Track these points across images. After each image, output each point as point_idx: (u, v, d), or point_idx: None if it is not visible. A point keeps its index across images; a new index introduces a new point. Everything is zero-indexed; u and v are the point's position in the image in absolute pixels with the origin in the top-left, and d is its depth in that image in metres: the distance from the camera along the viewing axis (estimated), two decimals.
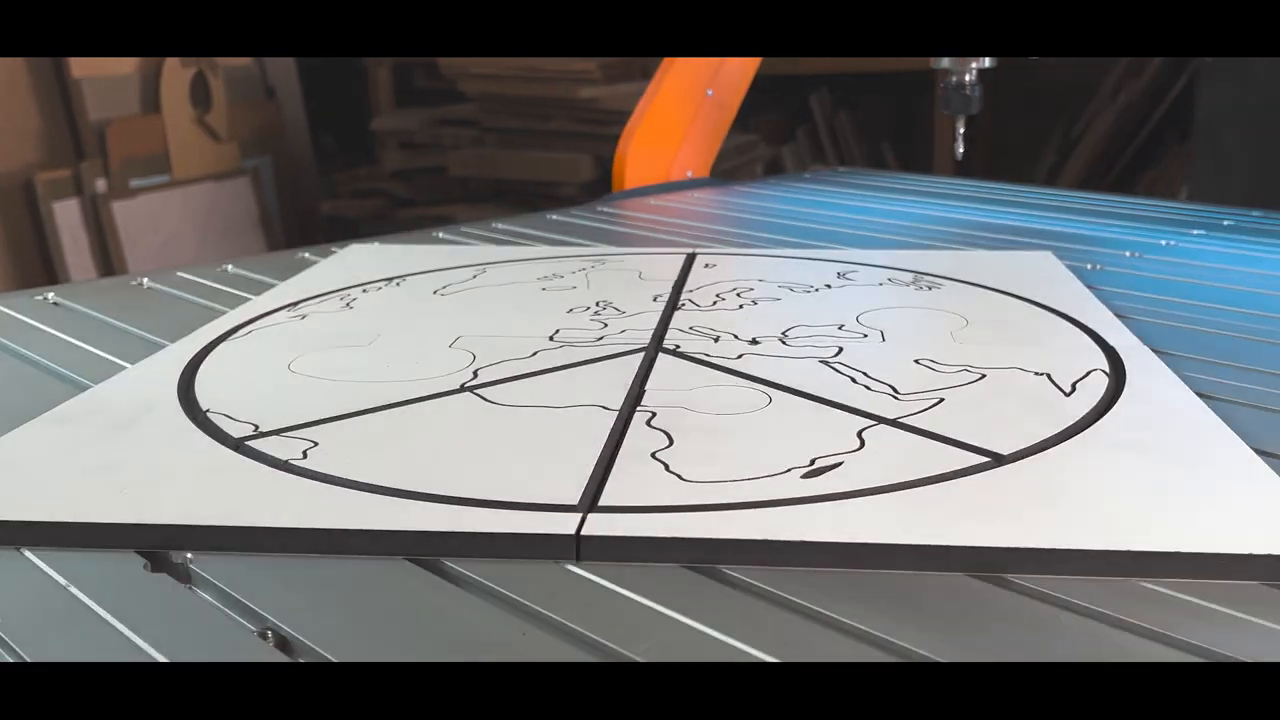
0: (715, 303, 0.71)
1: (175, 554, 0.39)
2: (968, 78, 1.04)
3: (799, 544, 0.38)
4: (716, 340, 0.62)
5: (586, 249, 0.91)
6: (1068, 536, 0.38)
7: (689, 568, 0.38)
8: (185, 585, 0.38)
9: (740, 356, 0.59)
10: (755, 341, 0.62)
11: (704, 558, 0.38)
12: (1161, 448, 0.46)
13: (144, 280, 0.80)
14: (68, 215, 2.18)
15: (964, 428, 0.48)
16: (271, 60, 2.55)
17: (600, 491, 0.42)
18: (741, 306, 0.70)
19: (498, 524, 0.40)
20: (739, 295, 0.73)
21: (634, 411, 0.51)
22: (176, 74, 2.31)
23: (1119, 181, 2.23)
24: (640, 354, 0.60)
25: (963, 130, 1.11)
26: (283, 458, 0.46)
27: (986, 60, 1.04)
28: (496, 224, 1.04)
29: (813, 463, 0.45)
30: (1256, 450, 0.45)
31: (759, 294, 0.73)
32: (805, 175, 1.45)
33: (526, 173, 2.32)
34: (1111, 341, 0.61)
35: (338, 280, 0.78)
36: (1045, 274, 0.78)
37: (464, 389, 0.55)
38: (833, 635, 0.34)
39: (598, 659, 0.33)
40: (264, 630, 0.35)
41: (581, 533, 0.39)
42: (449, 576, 0.38)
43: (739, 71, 1.28)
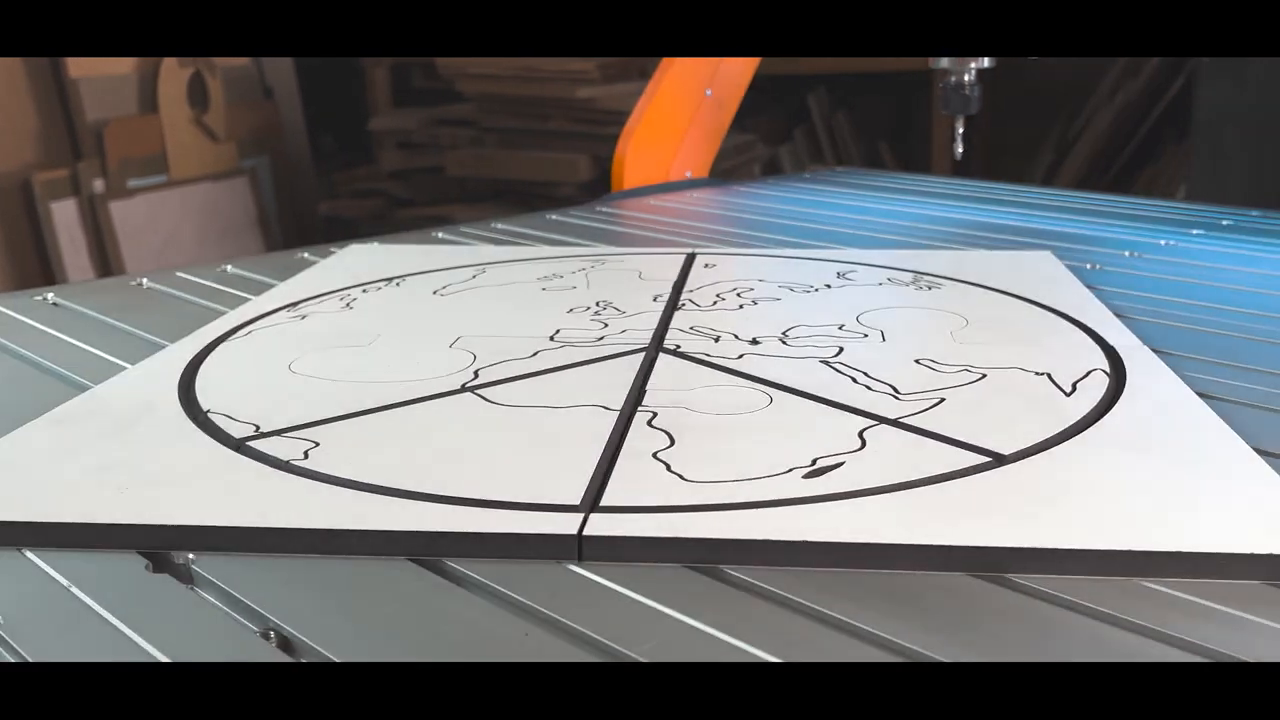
0: (715, 303, 0.71)
1: (177, 554, 0.39)
2: (967, 78, 1.04)
3: (801, 544, 0.38)
4: (717, 340, 0.62)
5: (586, 249, 0.91)
6: (1068, 536, 0.38)
7: (691, 568, 0.38)
8: (187, 585, 0.38)
9: (741, 356, 0.59)
10: (756, 341, 0.62)
11: (706, 558, 0.38)
12: (1162, 447, 0.46)
13: (143, 280, 0.80)
14: (65, 215, 2.18)
15: (965, 428, 0.48)
16: (269, 60, 2.55)
17: (602, 491, 0.42)
18: (741, 306, 0.70)
19: (499, 524, 0.40)
20: (739, 295, 0.73)
21: (635, 411, 0.51)
22: (174, 74, 2.31)
23: (1117, 181, 2.24)
24: (641, 354, 0.60)
25: (962, 130, 1.11)
26: (284, 458, 0.46)
27: (985, 60, 1.04)
28: (496, 224, 1.04)
29: (814, 463, 0.45)
30: (1256, 450, 0.45)
31: (759, 294, 0.73)
32: (805, 175, 1.45)
33: (524, 173, 2.32)
34: (1111, 341, 0.61)
35: (337, 280, 0.78)
36: (1045, 274, 0.78)
37: (465, 389, 0.55)
38: (834, 635, 0.34)
39: (600, 659, 0.33)
40: (266, 630, 0.35)
41: (583, 533, 0.39)
42: (451, 577, 0.38)
43: (738, 71, 1.28)
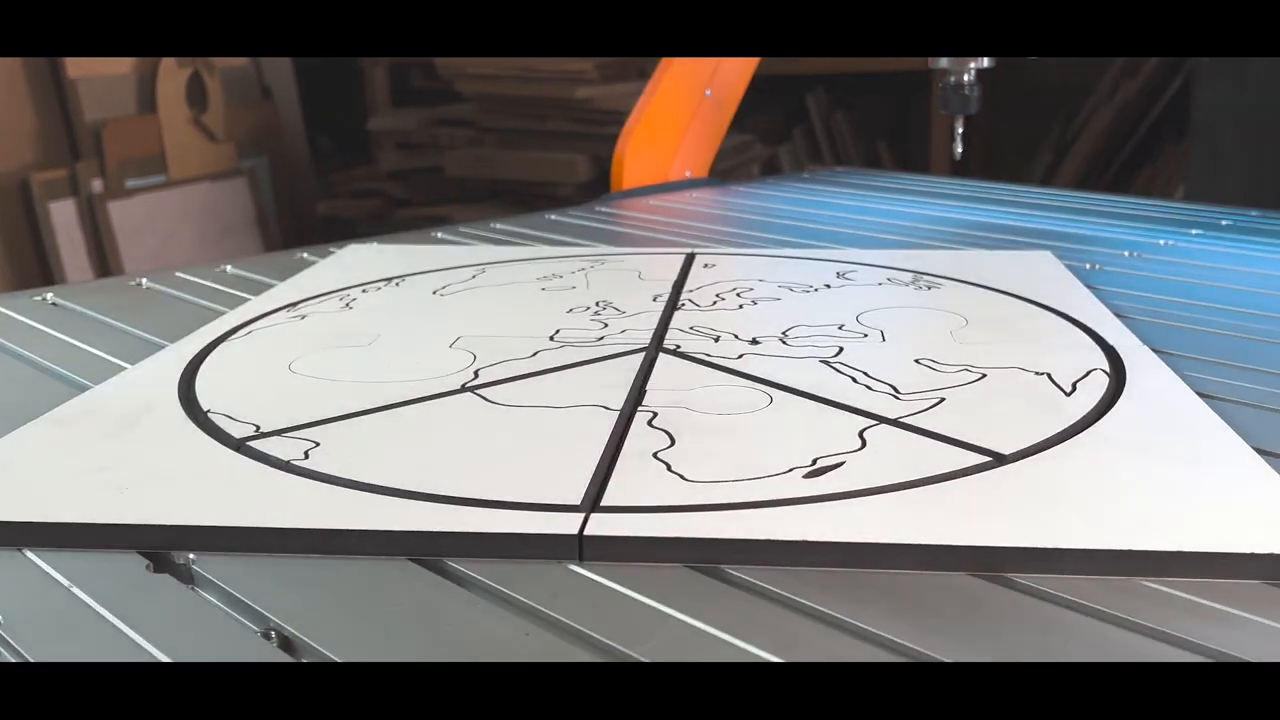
0: (715, 303, 0.71)
1: (178, 554, 0.39)
2: (966, 78, 1.04)
3: (801, 544, 0.38)
4: (717, 340, 0.62)
5: (586, 249, 0.91)
6: (1069, 536, 0.38)
7: (692, 567, 0.38)
8: (188, 586, 0.38)
9: (741, 356, 0.59)
10: (755, 341, 0.62)
11: (706, 557, 0.38)
12: (1162, 447, 0.46)
13: (143, 280, 0.80)
14: (64, 215, 2.18)
15: (965, 427, 0.48)
16: (268, 60, 2.55)
17: (602, 491, 0.42)
18: (741, 306, 0.70)
19: (500, 524, 0.40)
20: (739, 295, 0.73)
21: (635, 411, 0.51)
22: (172, 74, 2.31)
23: (1116, 181, 2.24)
24: (641, 354, 0.60)
25: (961, 130, 1.11)
26: (284, 458, 0.46)
27: (985, 60, 1.04)
28: (495, 224, 1.04)
29: (815, 462, 0.45)
30: (1256, 450, 0.45)
31: (759, 294, 0.73)
32: (804, 175, 1.45)
33: (523, 173, 2.32)
34: (1111, 341, 0.61)
35: (337, 280, 0.78)
36: (1044, 273, 0.78)
37: (465, 389, 0.55)
38: (835, 635, 0.34)
39: (601, 659, 0.33)
40: (267, 630, 0.35)
41: (584, 533, 0.39)
42: (451, 577, 0.38)
43: (737, 71, 1.28)
